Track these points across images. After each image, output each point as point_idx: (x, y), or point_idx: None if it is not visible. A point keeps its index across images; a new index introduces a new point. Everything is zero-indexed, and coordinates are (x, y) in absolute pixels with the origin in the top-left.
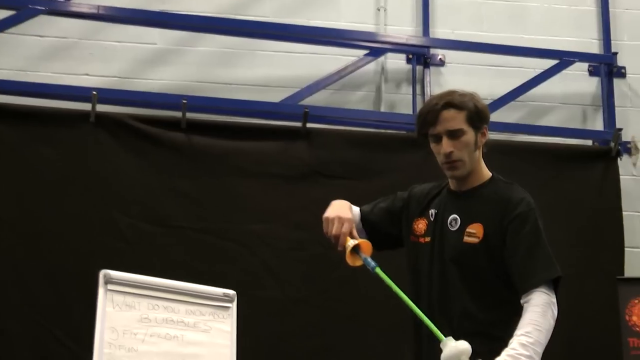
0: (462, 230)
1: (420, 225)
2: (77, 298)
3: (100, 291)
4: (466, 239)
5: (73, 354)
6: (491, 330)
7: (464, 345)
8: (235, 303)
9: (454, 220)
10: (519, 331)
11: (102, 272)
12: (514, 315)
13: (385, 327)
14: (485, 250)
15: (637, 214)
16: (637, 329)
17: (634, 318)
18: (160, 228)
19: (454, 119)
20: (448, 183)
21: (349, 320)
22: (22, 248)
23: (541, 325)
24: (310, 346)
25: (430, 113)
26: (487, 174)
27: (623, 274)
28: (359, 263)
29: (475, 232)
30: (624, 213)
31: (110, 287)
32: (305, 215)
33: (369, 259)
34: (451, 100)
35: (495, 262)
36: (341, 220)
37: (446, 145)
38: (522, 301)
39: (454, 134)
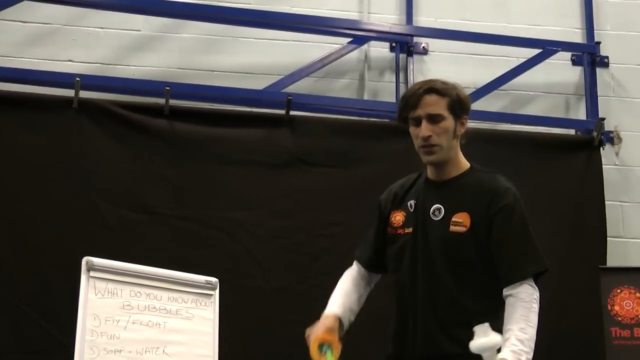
0: (447, 219)
1: (398, 217)
2: (59, 284)
3: (83, 278)
4: (452, 228)
5: (55, 340)
6: (478, 320)
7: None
8: (217, 290)
9: (437, 209)
10: (514, 326)
11: (85, 259)
12: (500, 304)
13: (368, 315)
14: (472, 239)
15: (619, 203)
16: (619, 318)
17: (616, 307)
18: (143, 215)
19: (436, 104)
20: (424, 173)
21: None
22: (4, 234)
23: (532, 321)
24: (292, 334)
25: (413, 96)
26: (465, 164)
27: (605, 264)
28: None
29: (461, 221)
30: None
31: (92, 274)
32: (288, 203)
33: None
34: (434, 86)
35: (482, 250)
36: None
37: (425, 129)
38: (505, 292)
39: (434, 119)
